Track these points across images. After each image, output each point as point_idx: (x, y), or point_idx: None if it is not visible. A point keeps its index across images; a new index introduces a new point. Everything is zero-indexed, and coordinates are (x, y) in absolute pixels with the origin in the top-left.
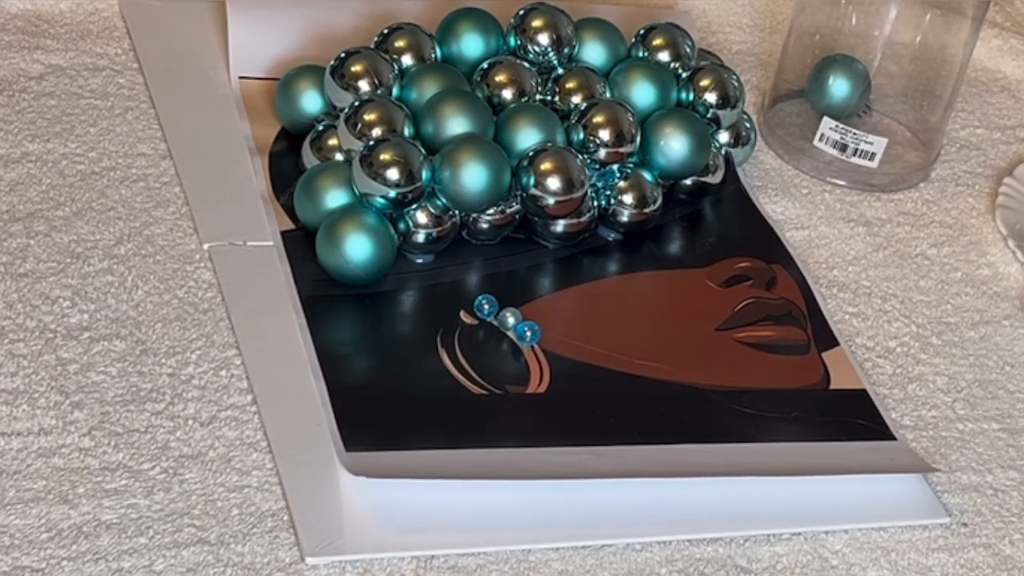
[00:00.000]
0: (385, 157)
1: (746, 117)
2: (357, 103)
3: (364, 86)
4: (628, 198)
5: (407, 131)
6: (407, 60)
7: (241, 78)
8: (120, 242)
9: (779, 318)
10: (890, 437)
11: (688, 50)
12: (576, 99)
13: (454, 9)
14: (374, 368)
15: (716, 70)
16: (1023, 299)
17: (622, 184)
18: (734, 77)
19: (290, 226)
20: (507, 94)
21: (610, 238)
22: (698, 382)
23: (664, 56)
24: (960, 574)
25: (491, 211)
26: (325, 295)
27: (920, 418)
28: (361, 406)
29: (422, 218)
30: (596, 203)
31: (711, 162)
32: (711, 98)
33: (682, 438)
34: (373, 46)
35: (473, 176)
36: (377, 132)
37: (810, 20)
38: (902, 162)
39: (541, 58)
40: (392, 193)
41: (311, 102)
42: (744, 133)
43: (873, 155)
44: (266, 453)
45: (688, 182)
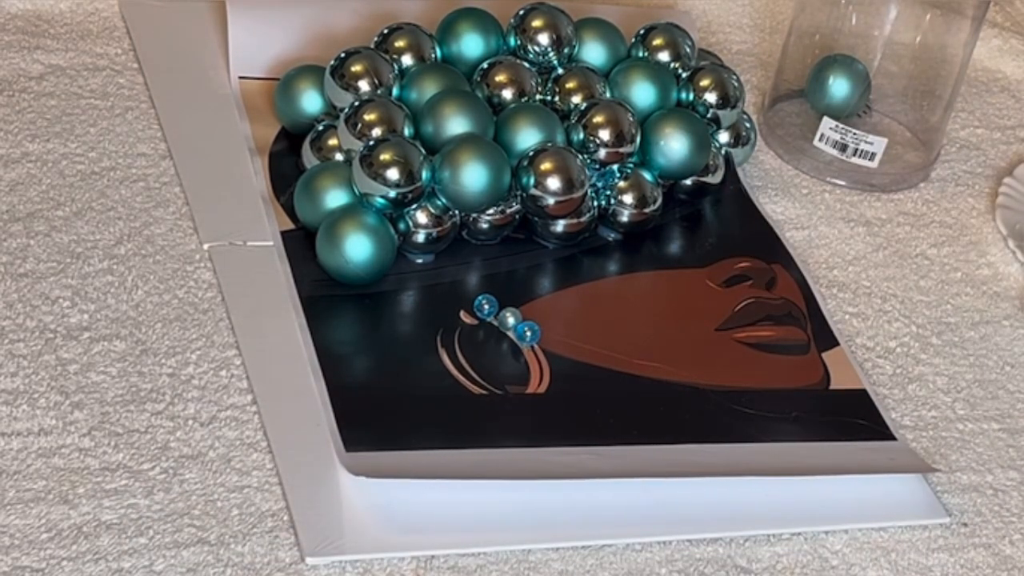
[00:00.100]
0: (385, 157)
1: (746, 117)
2: (357, 103)
3: (364, 86)
4: (628, 198)
5: (407, 131)
6: (407, 60)
7: (241, 78)
8: (120, 242)
9: (779, 318)
10: (890, 437)
11: (688, 50)
12: (576, 99)
13: (454, 9)
14: (374, 368)
15: (716, 70)
16: (1023, 299)
17: (622, 184)
18: (734, 77)
19: (290, 226)
20: (507, 94)
21: (610, 238)
22: (698, 382)
23: (664, 56)
24: (960, 574)
25: (491, 211)
26: (325, 295)
27: (920, 418)
28: (361, 406)
29: (422, 218)
30: (596, 203)
31: (711, 162)
32: (711, 98)
33: (682, 438)
34: (373, 46)
35: (473, 176)
36: (377, 132)
37: (810, 20)
38: (902, 162)
39: (541, 58)
40: (392, 193)
41: (311, 102)
42: (744, 133)
43: (873, 155)
44: (266, 453)
45: (688, 182)
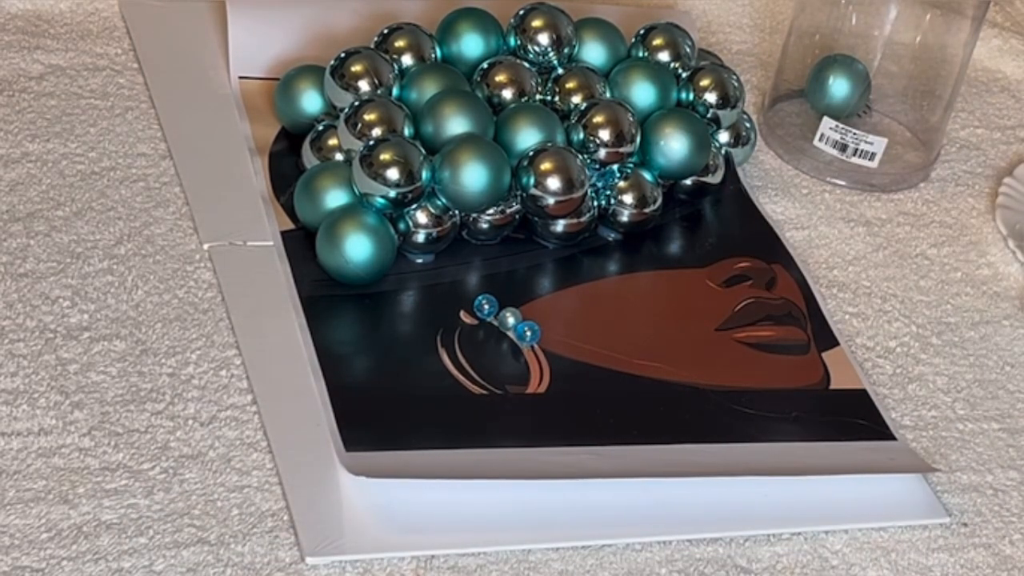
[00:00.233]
0: (385, 157)
1: (746, 117)
2: (357, 103)
3: (364, 86)
4: (628, 198)
5: (407, 131)
6: (407, 60)
7: (241, 78)
8: (120, 242)
9: (779, 318)
10: (890, 437)
11: (688, 50)
12: (576, 99)
13: (454, 9)
14: (374, 368)
15: (716, 70)
16: (1023, 299)
17: (622, 184)
18: (734, 77)
19: (290, 226)
20: (507, 94)
21: (610, 238)
22: (698, 382)
23: (664, 56)
24: (960, 574)
25: (491, 211)
26: (325, 295)
27: (920, 418)
28: (361, 406)
29: (422, 218)
30: (596, 203)
31: (711, 162)
32: (711, 98)
33: (682, 438)
34: (373, 46)
35: (473, 176)
36: (377, 132)
37: (810, 20)
38: (902, 162)
39: (541, 58)
40: (392, 193)
41: (311, 102)
42: (744, 133)
43: (873, 155)
44: (266, 453)
45: (688, 182)
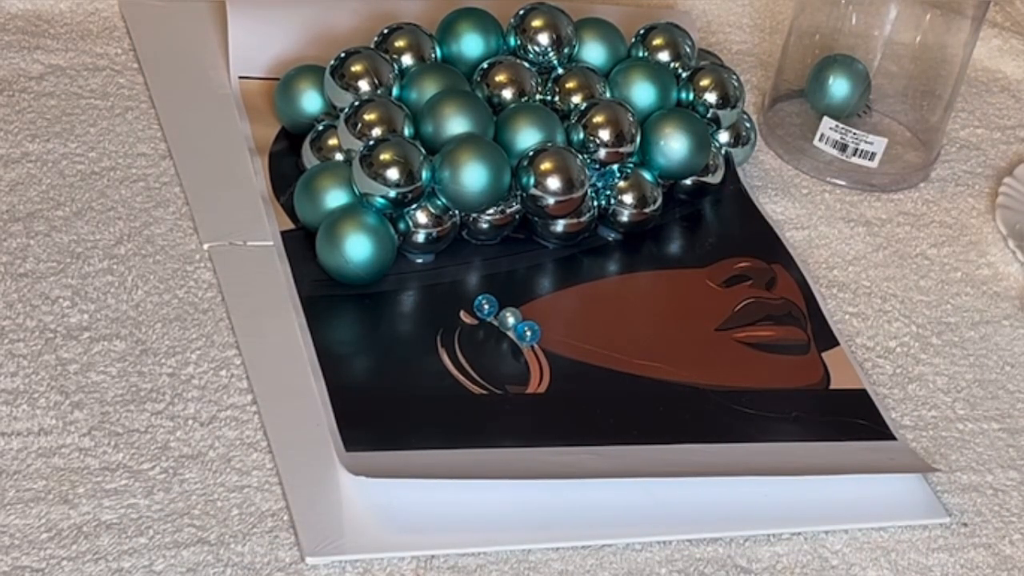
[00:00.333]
0: (385, 157)
1: (746, 117)
2: (357, 103)
3: (364, 86)
4: (628, 198)
5: (407, 131)
6: (407, 60)
7: (241, 78)
8: (120, 242)
9: (779, 318)
10: (890, 437)
11: (688, 50)
12: (576, 99)
13: (454, 9)
14: (374, 368)
15: (716, 70)
16: (1023, 299)
17: (622, 184)
18: (734, 77)
19: (290, 226)
20: (507, 94)
21: (610, 238)
22: (698, 382)
23: (664, 56)
24: (960, 574)
25: (491, 211)
26: (325, 295)
27: (920, 418)
28: (361, 406)
29: (422, 218)
30: (596, 203)
31: (711, 162)
32: (711, 98)
33: (682, 438)
34: (373, 46)
35: (473, 176)
36: (377, 132)
37: (810, 20)
38: (902, 162)
39: (541, 58)
40: (392, 193)
41: (311, 102)
42: (744, 133)
43: (873, 155)
44: (266, 453)
45: (688, 182)
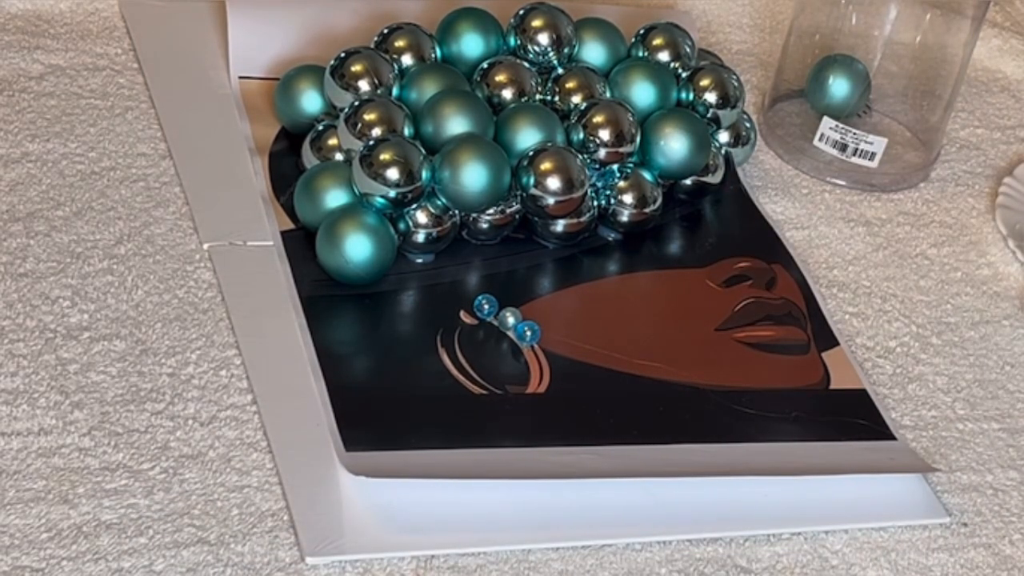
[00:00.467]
0: (385, 157)
1: (746, 117)
2: (357, 103)
3: (364, 86)
4: (628, 198)
5: (407, 131)
6: (407, 60)
7: (241, 78)
8: (120, 242)
9: (779, 318)
10: (890, 437)
11: (688, 50)
12: (576, 99)
13: (454, 9)
14: (374, 368)
15: (716, 70)
16: (1023, 299)
17: (622, 184)
18: (734, 77)
19: (290, 226)
20: (507, 94)
21: (610, 238)
22: (698, 382)
23: (664, 56)
24: (960, 574)
25: (491, 211)
26: (325, 295)
27: (920, 418)
28: (361, 406)
29: (422, 218)
30: (596, 203)
31: (711, 162)
32: (711, 98)
33: (682, 438)
34: (373, 46)
35: (473, 176)
36: (377, 132)
37: (810, 20)
38: (902, 162)
39: (541, 58)
40: (392, 193)
41: (311, 102)
42: (744, 133)
43: (873, 155)
44: (266, 453)
45: (688, 182)
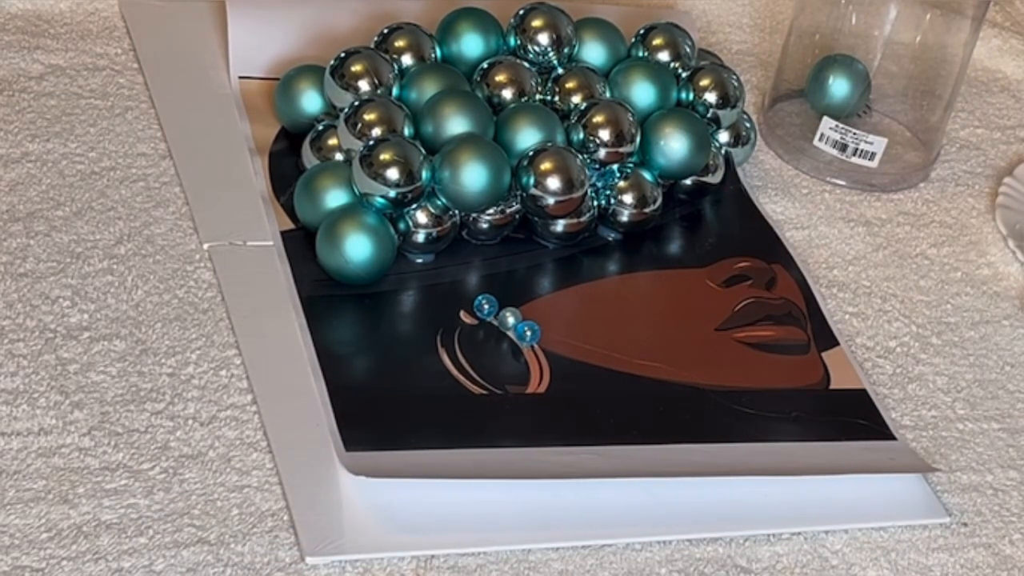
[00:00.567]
0: (385, 157)
1: (746, 117)
2: (357, 103)
3: (364, 86)
4: (628, 198)
5: (407, 131)
6: (407, 60)
7: (241, 78)
8: (120, 242)
9: (779, 318)
10: (890, 437)
11: (688, 50)
12: (576, 99)
13: (454, 9)
14: (374, 368)
15: (716, 70)
16: (1023, 299)
17: (622, 184)
18: (734, 77)
19: (290, 226)
20: (507, 94)
21: (610, 238)
22: (698, 382)
23: (664, 56)
24: (960, 574)
25: (491, 211)
26: (325, 295)
27: (920, 418)
28: (361, 406)
29: (422, 218)
30: (596, 203)
31: (711, 162)
32: (711, 98)
33: (682, 438)
34: (373, 46)
35: (473, 176)
36: (377, 132)
37: (810, 20)
38: (902, 162)
39: (541, 58)
40: (392, 193)
41: (311, 102)
42: (744, 133)
43: (873, 155)
44: (266, 453)
45: (688, 182)
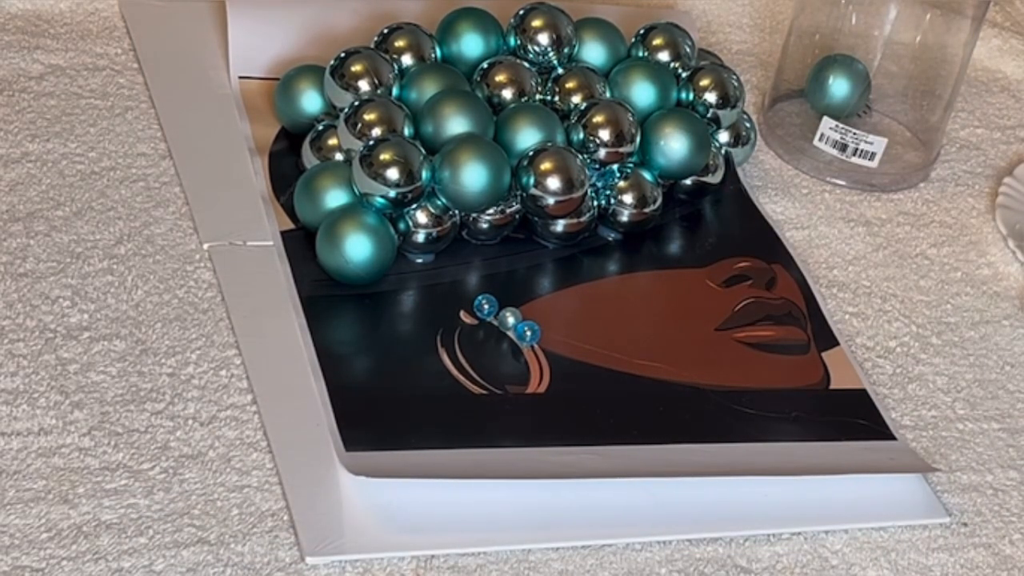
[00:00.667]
0: (385, 157)
1: (746, 117)
2: (357, 103)
3: (364, 86)
4: (628, 198)
5: (407, 131)
6: (407, 60)
7: (241, 78)
8: (120, 242)
9: (779, 318)
10: (890, 437)
11: (688, 50)
12: (576, 99)
13: (454, 9)
14: (374, 368)
15: (716, 70)
16: (1023, 299)
17: (622, 184)
18: (734, 77)
19: (290, 226)
20: (507, 94)
21: (610, 238)
22: (698, 382)
23: (664, 56)
24: (960, 574)
25: (491, 211)
26: (325, 295)
27: (920, 418)
28: (361, 406)
29: (422, 218)
30: (596, 203)
31: (711, 162)
32: (711, 98)
33: (682, 438)
34: (373, 46)
35: (473, 176)
36: (377, 132)
37: (810, 20)
38: (902, 162)
39: (541, 58)
40: (392, 193)
41: (311, 102)
42: (744, 133)
43: (873, 155)
44: (266, 453)
45: (688, 182)
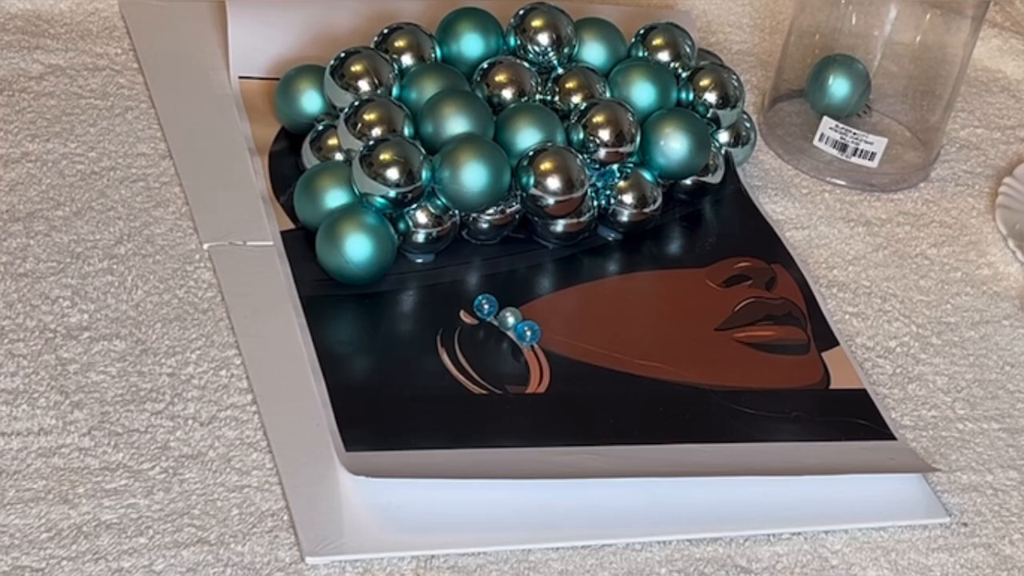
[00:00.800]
0: (385, 157)
1: (746, 117)
2: (357, 103)
3: (364, 86)
4: (628, 198)
5: (407, 131)
6: (407, 60)
7: (241, 78)
8: (120, 242)
9: (779, 318)
10: (890, 437)
11: (688, 50)
12: (576, 99)
13: (454, 9)
14: (374, 368)
15: (716, 70)
16: (1023, 299)
17: (622, 184)
18: (734, 77)
19: (290, 226)
20: (507, 94)
21: (610, 238)
22: (698, 382)
23: (664, 56)
24: (960, 574)
25: (491, 211)
26: (325, 295)
27: (920, 418)
28: (361, 406)
29: (422, 218)
30: (596, 203)
31: (711, 162)
32: (711, 98)
33: (682, 438)
34: (373, 46)
35: (473, 176)
36: (377, 132)
37: (810, 20)
38: (902, 162)
39: (541, 58)
40: (392, 193)
41: (311, 102)
42: (744, 133)
43: (873, 155)
44: (266, 453)
45: (688, 182)
